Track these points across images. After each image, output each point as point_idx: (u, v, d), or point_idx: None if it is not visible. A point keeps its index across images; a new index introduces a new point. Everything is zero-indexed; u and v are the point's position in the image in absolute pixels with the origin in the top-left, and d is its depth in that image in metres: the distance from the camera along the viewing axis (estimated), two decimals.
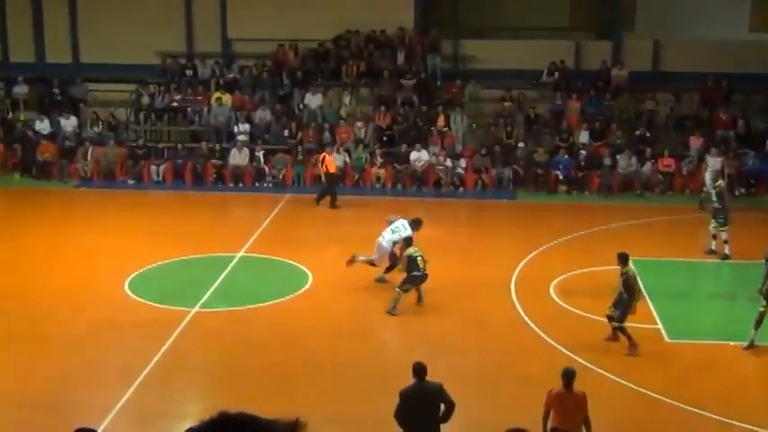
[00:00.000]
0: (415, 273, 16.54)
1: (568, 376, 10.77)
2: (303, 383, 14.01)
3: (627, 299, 14.91)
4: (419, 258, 16.60)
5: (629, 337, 14.89)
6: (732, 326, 16.37)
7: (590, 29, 31.58)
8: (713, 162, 24.03)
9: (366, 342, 15.55)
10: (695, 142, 25.94)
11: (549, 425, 10.73)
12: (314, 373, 14.41)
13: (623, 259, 15.12)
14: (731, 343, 15.41)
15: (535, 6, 31.54)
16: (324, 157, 24.18)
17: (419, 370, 10.53)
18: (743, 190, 25.00)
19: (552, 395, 10.72)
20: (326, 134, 27.19)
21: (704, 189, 22.73)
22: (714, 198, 19.54)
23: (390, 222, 18.03)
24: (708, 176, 22.75)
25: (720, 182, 20.14)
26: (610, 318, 15.04)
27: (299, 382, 14.07)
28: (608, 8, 30.99)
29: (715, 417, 12.89)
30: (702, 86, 27.90)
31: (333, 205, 23.76)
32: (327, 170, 24.00)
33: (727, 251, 19.28)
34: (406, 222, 18.01)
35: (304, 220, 23.32)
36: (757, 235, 19.72)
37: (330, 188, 23.91)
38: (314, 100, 28.15)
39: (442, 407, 10.46)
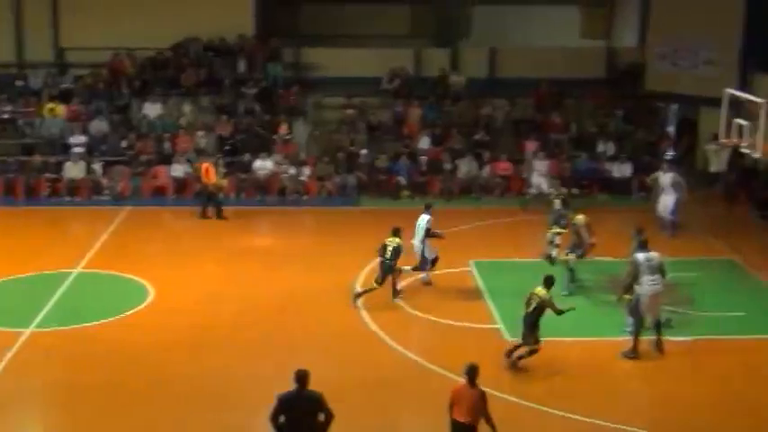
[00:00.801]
0: (379, 258, 17.52)
1: (469, 372, 11.16)
2: (146, 400, 13.74)
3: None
4: (389, 247, 17.52)
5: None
6: (568, 323, 17.02)
7: (429, 36, 32.26)
8: (540, 165, 24.97)
9: (209, 356, 15.37)
10: (530, 146, 26.85)
11: (452, 416, 11.18)
12: (157, 389, 14.15)
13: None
14: (567, 339, 16.03)
15: (376, 14, 31.97)
16: (206, 168, 23.76)
17: (301, 377, 10.59)
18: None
19: (454, 389, 11.24)
20: (166, 144, 26.73)
21: (530, 191, 23.76)
22: (558, 206, 19.97)
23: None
24: (534, 179, 23.87)
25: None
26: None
27: (142, 399, 13.79)
28: (446, 16, 31.73)
29: (555, 412, 13.37)
30: (536, 92, 28.93)
31: (220, 216, 23.49)
32: (210, 181, 23.62)
33: (554, 253, 19.80)
34: (422, 215, 18.83)
35: (143, 233, 22.81)
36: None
37: (213, 199, 23.56)
38: (153, 110, 27.63)
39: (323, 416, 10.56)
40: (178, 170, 25.52)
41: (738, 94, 19.70)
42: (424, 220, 18.67)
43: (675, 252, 18.47)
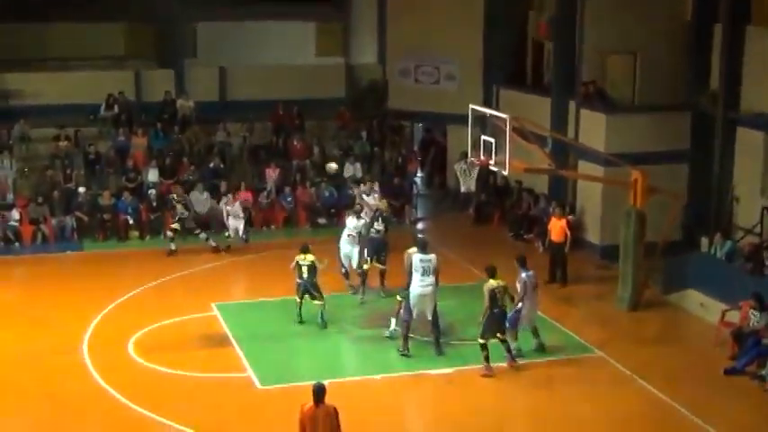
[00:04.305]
0: (298, 280, 18.44)
1: (317, 392, 11.39)
2: None
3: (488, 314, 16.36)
4: (303, 267, 18.31)
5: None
6: (325, 362, 17.22)
7: (149, 57, 31.75)
8: (367, 199, 23.77)
9: None
10: (271, 173, 26.98)
11: None
12: None
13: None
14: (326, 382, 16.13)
15: (85, 34, 31.09)
16: None
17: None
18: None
19: (304, 411, 11.39)
20: None
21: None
22: (380, 226, 20.26)
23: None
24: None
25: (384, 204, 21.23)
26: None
27: None
28: (167, 34, 31.36)
29: None
30: (273, 114, 29.15)
31: None
32: None
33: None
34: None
35: None
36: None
37: None
38: None
39: None
40: None
41: (482, 109, 20.71)
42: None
43: None
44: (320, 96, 29.76)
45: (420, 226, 27.02)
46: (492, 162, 19.54)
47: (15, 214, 24.80)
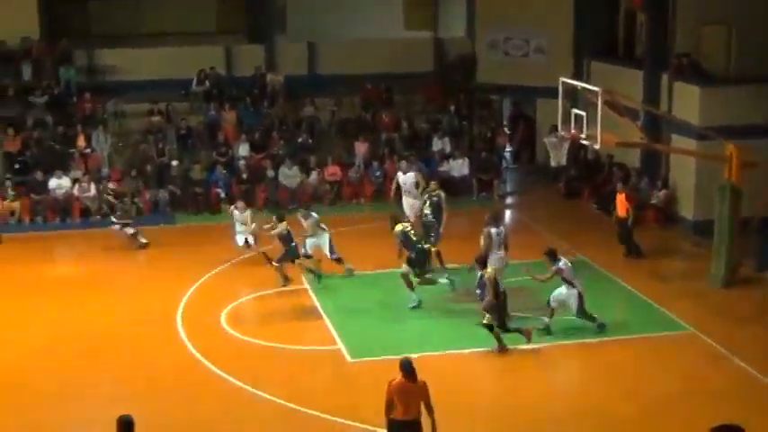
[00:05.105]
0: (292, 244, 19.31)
1: (407, 367, 11.34)
2: None
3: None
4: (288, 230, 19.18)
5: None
6: (413, 336, 17.25)
7: (240, 32, 32.06)
8: (405, 178, 22.16)
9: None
10: (360, 147, 27.07)
11: (391, 416, 11.32)
12: None
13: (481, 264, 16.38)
14: (413, 356, 16.17)
15: (178, 10, 31.53)
16: None
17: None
18: None
19: (393, 386, 11.30)
20: None
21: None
22: (427, 210, 20.01)
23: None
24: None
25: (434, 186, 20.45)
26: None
27: None
28: (257, 10, 31.60)
29: None
30: (362, 88, 29.21)
31: None
32: None
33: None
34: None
35: None
36: None
37: None
38: None
39: None
40: None
41: (574, 83, 20.45)
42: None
43: (522, 255, 18.95)
44: (409, 70, 29.71)
45: (508, 200, 26.92)
46: (583, 136, 19.33)
47: (111, 187, 25.31)
